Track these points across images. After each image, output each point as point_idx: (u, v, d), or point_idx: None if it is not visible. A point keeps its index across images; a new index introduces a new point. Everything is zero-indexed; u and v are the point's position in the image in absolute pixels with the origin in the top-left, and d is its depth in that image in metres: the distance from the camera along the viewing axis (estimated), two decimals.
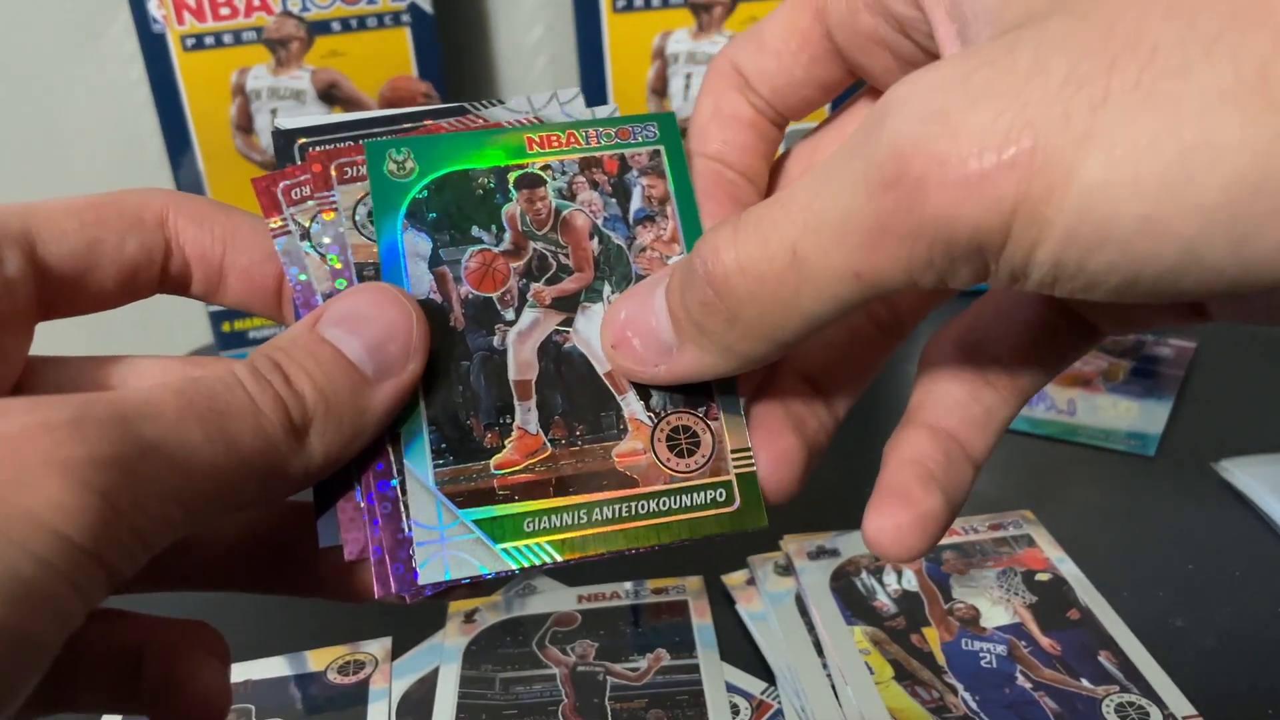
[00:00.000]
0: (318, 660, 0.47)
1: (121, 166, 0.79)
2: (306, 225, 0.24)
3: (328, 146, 0.25)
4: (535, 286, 0.25)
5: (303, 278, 0.24)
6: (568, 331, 0.25)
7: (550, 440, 0.24)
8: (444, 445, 0.23)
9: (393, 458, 0.23)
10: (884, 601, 0.47)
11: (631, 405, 0.24)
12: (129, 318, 0.26)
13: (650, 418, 0.24)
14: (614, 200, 0.25)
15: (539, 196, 0.25)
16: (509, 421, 0.24)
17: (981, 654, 0.44)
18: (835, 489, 0.58)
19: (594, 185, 0.25)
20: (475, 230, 0.25)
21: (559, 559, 0.23)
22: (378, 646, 0.48)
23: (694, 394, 0.25)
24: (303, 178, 0.25)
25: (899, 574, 0.49)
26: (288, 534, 0.25)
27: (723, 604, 0.49)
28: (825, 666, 0.44)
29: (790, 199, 0.20)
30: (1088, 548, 0.51)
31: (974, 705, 0.42)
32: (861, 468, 0.59)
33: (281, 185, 0.25)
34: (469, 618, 0.48)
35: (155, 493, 0.18)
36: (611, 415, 0.24)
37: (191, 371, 0.25)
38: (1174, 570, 0.50)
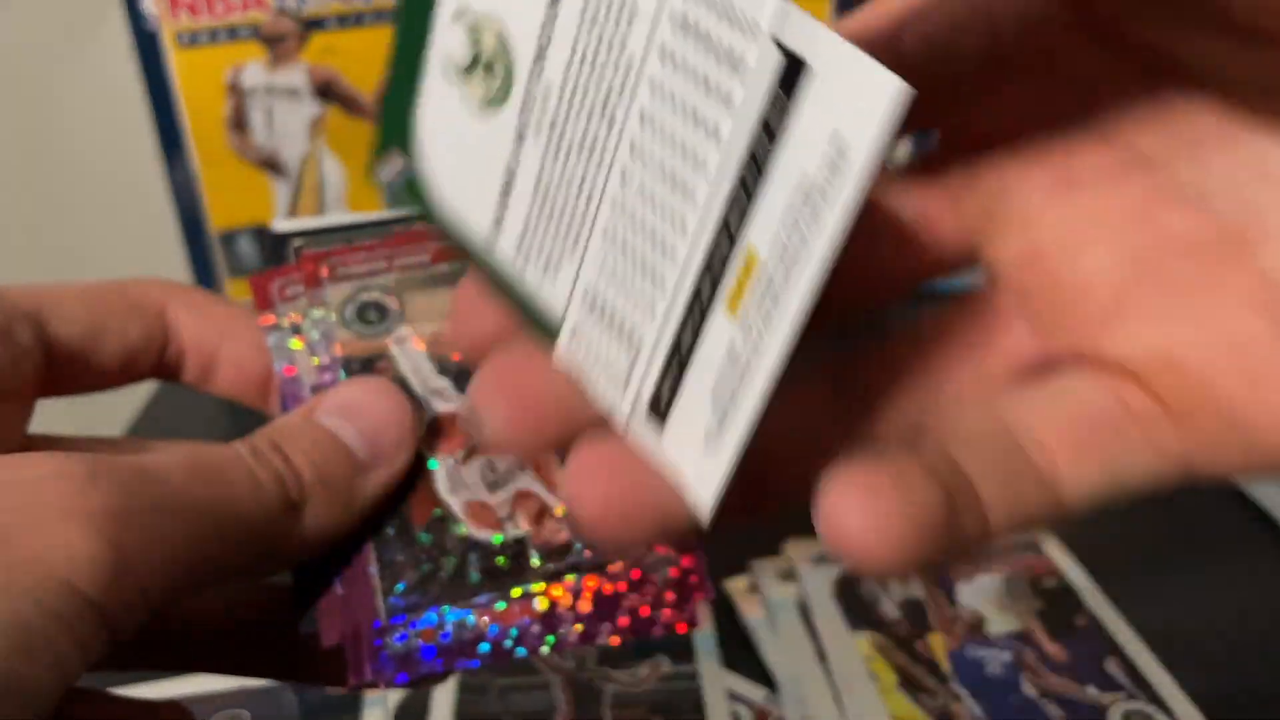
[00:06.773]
0: None
1: (114, 165, 0.78)
2: (298, 321, 0.26)
3: (320, 248, 0.26)
4: None
5: (291, 372, 0.25)
6: None
7: None
8: None
9: (371, 546, 0.24)
10: (888, 608, 0.47)
11: None
12: None
13: None
14: None
15: None
16: None
17: (987, 661, 0.44)
18: None
19: None
20: None
21: None
22: None
23: None
24: (295, 276, 0.26)
25: (903, 581, 0.48)
26: (267, 618, 0.26)
27: (724, 610, 0.48)
28: (828, 674, 0.44)
29: None
30: (1095, 554, 0.50)
31: (979, 713, 0.41)
32: None
33: (276, 283, 0.26)
34: None
35: (163, 550, 0.19)
36: None
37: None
38: (1182, 577, 0.49)
